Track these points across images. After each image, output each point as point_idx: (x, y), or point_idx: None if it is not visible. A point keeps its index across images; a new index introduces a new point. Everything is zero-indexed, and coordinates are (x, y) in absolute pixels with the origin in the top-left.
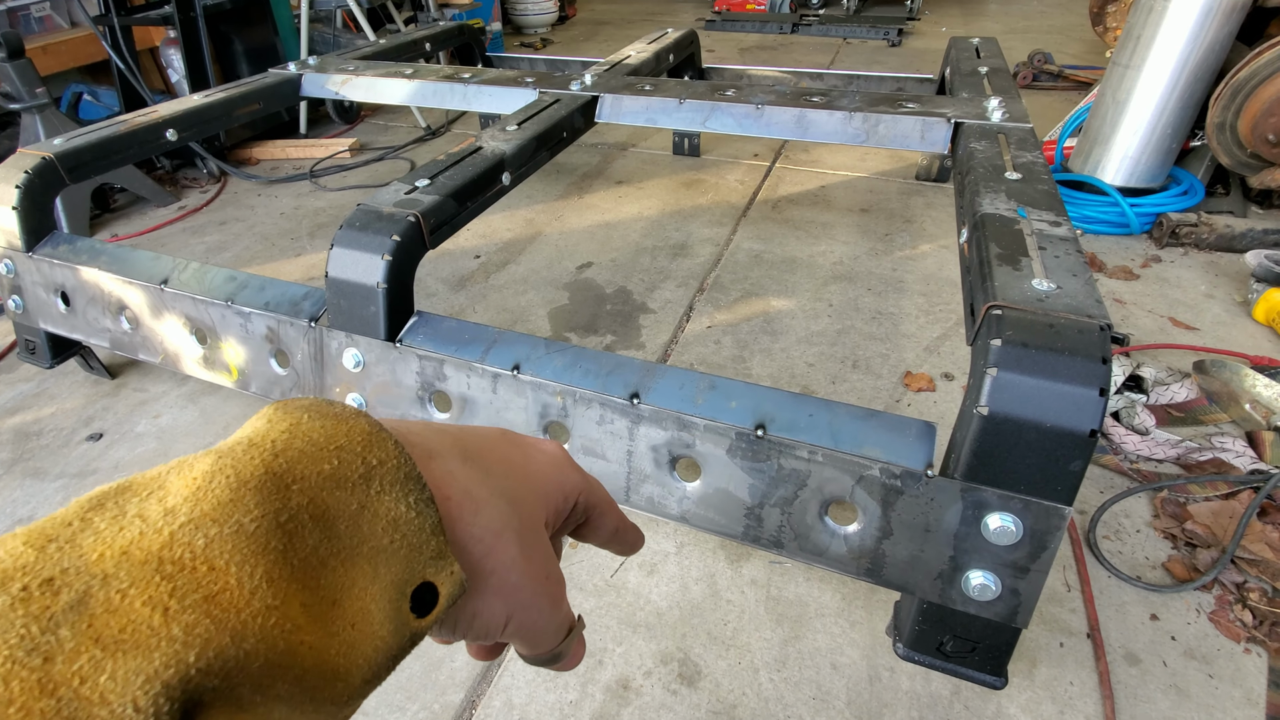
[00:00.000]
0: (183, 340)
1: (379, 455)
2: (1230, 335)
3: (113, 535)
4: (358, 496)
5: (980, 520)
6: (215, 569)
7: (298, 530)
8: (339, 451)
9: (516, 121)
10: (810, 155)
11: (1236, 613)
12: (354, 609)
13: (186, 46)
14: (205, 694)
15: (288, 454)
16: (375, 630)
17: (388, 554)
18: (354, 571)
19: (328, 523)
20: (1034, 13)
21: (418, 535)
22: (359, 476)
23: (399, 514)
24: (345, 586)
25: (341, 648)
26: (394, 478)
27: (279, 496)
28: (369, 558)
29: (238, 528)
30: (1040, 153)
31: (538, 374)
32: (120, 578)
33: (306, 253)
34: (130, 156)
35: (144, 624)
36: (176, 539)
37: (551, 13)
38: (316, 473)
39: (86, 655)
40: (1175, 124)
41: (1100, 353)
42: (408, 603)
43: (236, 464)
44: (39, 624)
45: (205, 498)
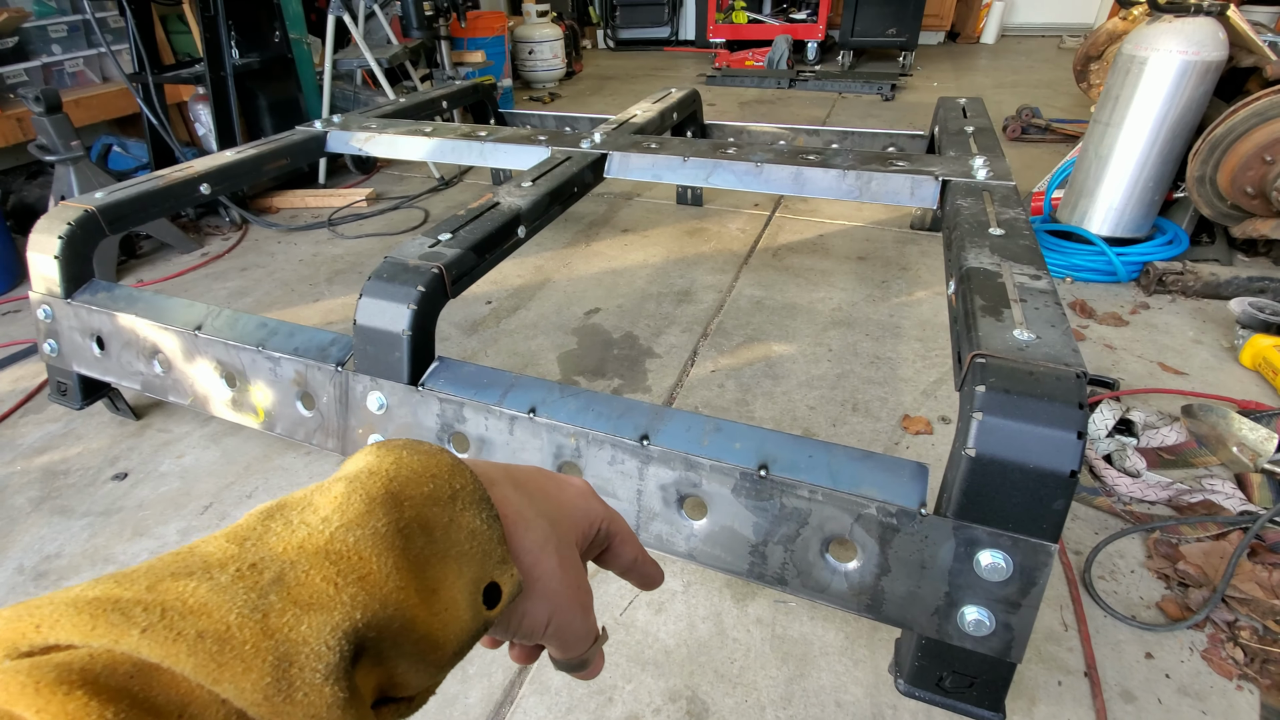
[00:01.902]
0: (213, 383)
1: (461, 481)
2: (1218, 380)
3: (289, 534)
4: (448, 512)
5: (972, 557)
6: (363, 558)
7: (411, 535)
8: (434, 478)
9: (531, 178)
10: (809, 205)
11: (1229, 650)
12: (447, 597)
13: (216, 103)
14: (364, 641)
15: (399, 479)
16: (461, 615)
17: (468, 557)
18: (446, 569)
19: (429, 530)
20: (1022, 68)
21: (488, 543)
22: (448, 496)
23: (476, 526)
24: (441, 579)
25: (441, 625)
26: (472, 498)
27: (397, 509)
28: (456, 559)
29: (374, 530)
30: (1021, 209)
31: (552, 416)
32: (302, 563)
33: (325, 298)
34: (167, 209)
35: (324, 593)
36: (335, 537)
37: (559, 69)
38: (420, 493)
39: (290, 612)
40: (1156, 177)
41: (1077, 398)
42: (481, 597)
43: (365, 486)
44: (255, 592)
45: (348, 509)
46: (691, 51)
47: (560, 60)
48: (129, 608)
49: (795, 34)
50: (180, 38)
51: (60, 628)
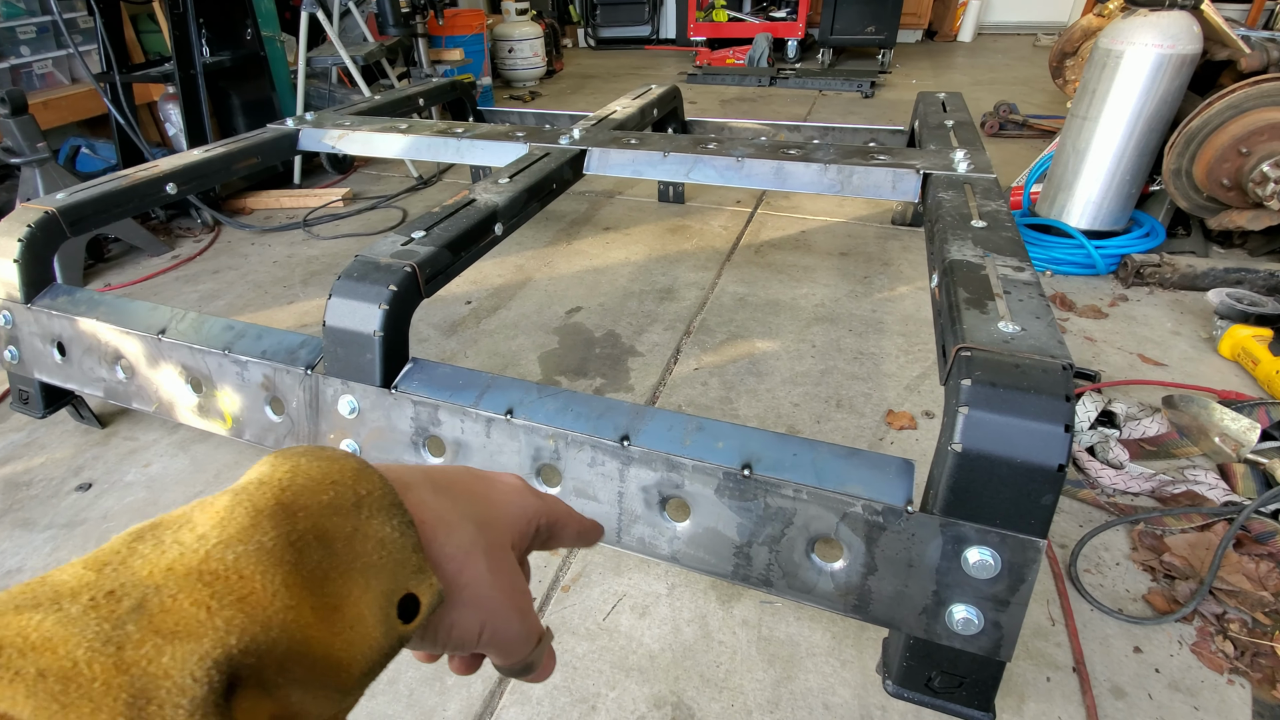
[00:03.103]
0: (178, 389)
1: (367, 486)
2: (1198, 370)
3: (157, 556)
4: (352, 521)
5: (960, 554)
6: (244, 577)
7: (305, 548)
8: (334, 485)
9: (508, 174)
10: (791, 201)
11: (1218, 644)
12: (352, 613)
13: (185, 102)
14: (242, 670)
15: (293, 489)
16: (370, 631)
17: (377, 568)
18: (351, 582)
19: (328, 542)
20: (999, 65)
21: (401, 552)
22: (351, 504)
23: (385, 535)
24: (344, 594)
25: (344, 645)
26: (380, 505)
27: (288, 521)
28: (362, 571)
29: (259, 545)
30: (1003, 201)
31: (530, 418)
32: (169, 586)
33: (299, 300)
34: (131, 210)
35: (193, 618)
36: (211, 555)
37: (539, 67)
38: (317, 502)
39: (150, 643)
40: (1133, 171)
41: (1064, 391)
42: (395, 610)
43: (251, 498)
44: (109, 623)
45: (230, 524)
46: (673, 50)
47: (540, 59)
48: None
49: (775, 32)
50: (151, 37)
51: None
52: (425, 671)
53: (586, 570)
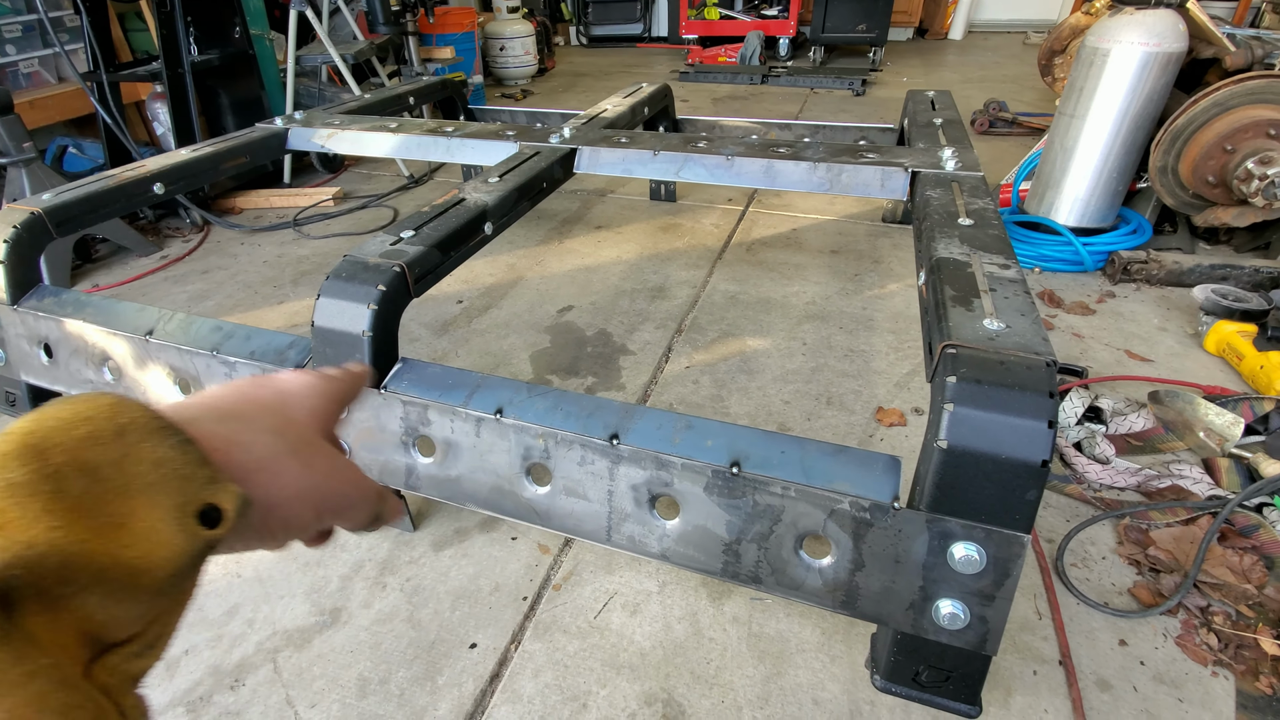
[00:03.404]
0: (166, 390)
1: (128, 416)
2: (1183, 366)
3: None
4: (117, 448)
5: (946, 550)
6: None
7: (64, 479)
8: (89, 420)
9: (498, 173)
10: (782, 200)
11: (1202, 636)
12: (142, 527)
13: (173, 101)
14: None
15: (38, 432)
16: (168, 540)
17: (160, 485)
18: (133, 502)
19: (92, 470)
20: (990, 63)
21: (185, 467)
22: (113, 434)
23: (161, 455)
24: (127, 513)
25: (139, 554)
26: (148, 430)
27: (39, 459)
28: (143, 491)
29: (7, 483)
30: (990, 199)
31: (520, 417)
32: None
33: (290, 300)
34: (118, 210)
35: None
36: None
37: (531, 65)
38: (71, 438)
39: None
40: (1120, 168)
41: (1047, 387)
42: (194, 520)
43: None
44: None
45: None
46: (664, 48)
47: (532, 57)
48: None
49: (767, 30)
50: (139, 35)
51: None
52: (416, 671)
53: (578, 569)
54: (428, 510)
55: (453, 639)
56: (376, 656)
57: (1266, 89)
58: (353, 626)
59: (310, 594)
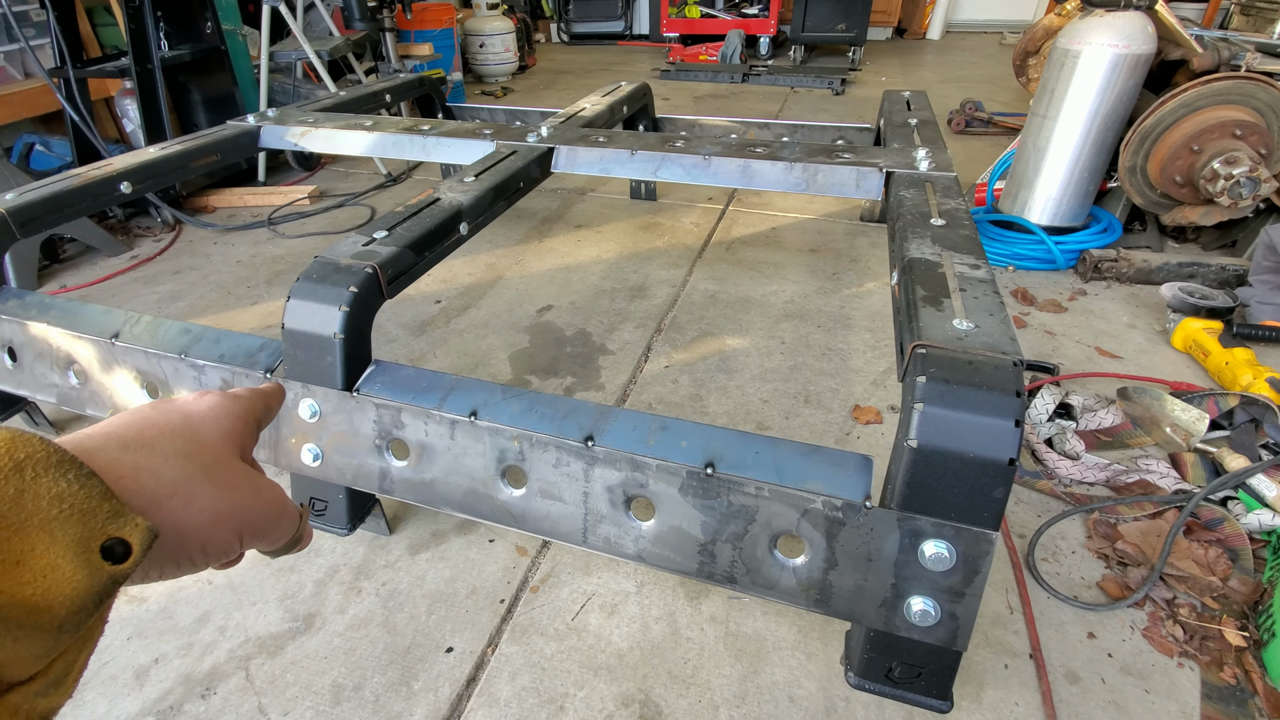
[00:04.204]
0: (133, 394)
1: (26, 450)
2: (1151, 362)
3: None
4: (14, 484)
5: (917, 548)
6: None
7: None
8: None
9: (474, 173)
10: (762, 199)
11: (1168, 628)
12: (41, 564)
13: (143, 98)
14: None
15: None
16: (69, 577)
17: (60, 521)
18: (30, 539)
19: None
20: (966, 63)
21: (86, 502)
22: (10, 469)
23: (60, 490)
24: (25, 550)
25: (37, 592)
26: (46, 464)
27: None
28: (42, 526)
29: None
30: (962, 200)
31: (494, 419)
32: None
33: (264, 300)
34: (84, 210)
35: None
36: None
37: (511, 63)
38: None
39: None
40: (1091, 168)
41: (1014, 386)
42: (97, 555)
43: None
44: None
45: None
46: (646, 46)
47: (512, 54)
48: None
49: (748, 29)
50: (108, 30)
51: None
52: (391, 677)
53: (556, 570)
54: (404, 514)
55: (429, 643)
56: (351, 662)
57: (1232, 90)
58: (327, 632)
59: (283, 600)
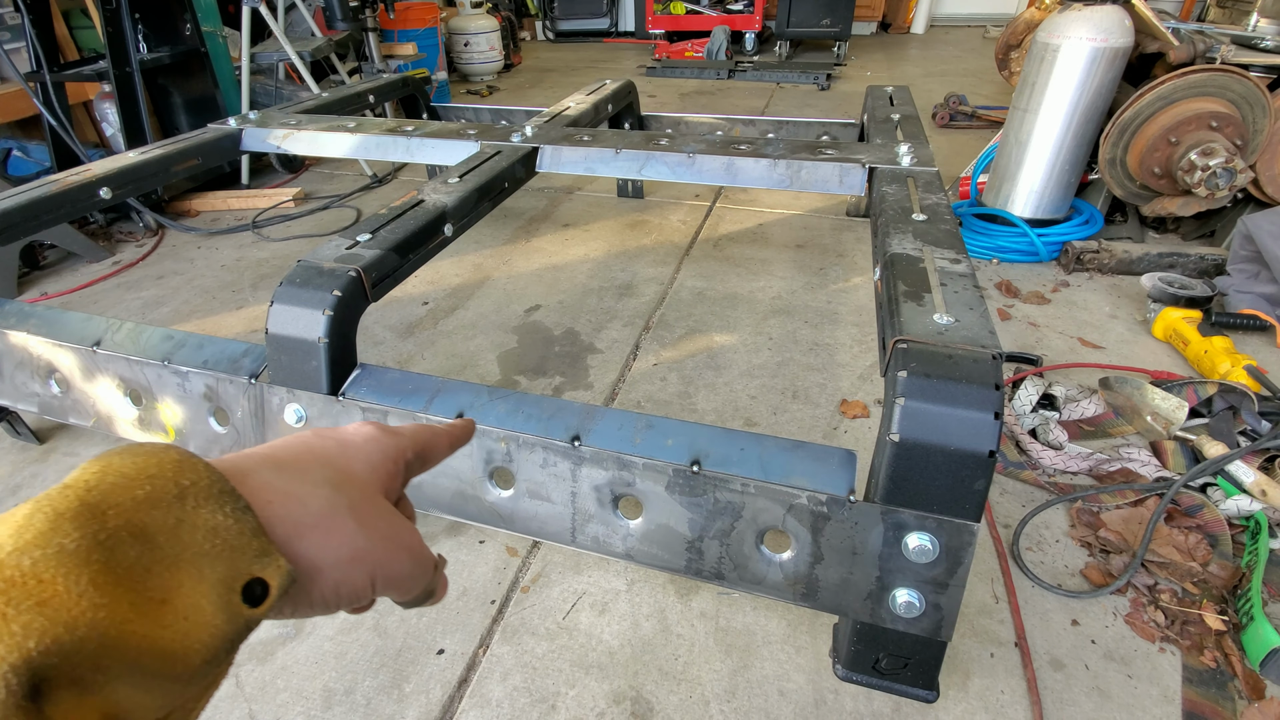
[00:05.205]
0: (116, 402)
1: (190, 477)
2: (1133, 352)
3: None
4: (175, 513)
5: (901, 541)
6: (43, 581)
7: (117, 545)
8: (151, 480)
9: (458, 174)
10: (749, 195)
11: (1150, 614)
12: (185, 604)
13: (122, 101)
14: (48, 672)
15: (100, 489)
16: (208, 620)
17: (211, 557)
18: (180, 574)
19: (147, 537)
20: (950, 57)
21: (237, 538)
22: (173, 497)
23: (217, 522)
24: (173, 587)
25: (176, 636)
26: (208, 494)
27: (95, 521)
28: (192, 562)
29: (59, 548)
30: (943, 194)
31: (481, 421)
32: None
33: (249, 304)
34: (62, 216)
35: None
36: (5, 564)
37: (497, 61)
38: (130, 499)
39: None
40: (1072, 161)
41: (993, 379)
42: (238, 596)
43: (53, 502)
44: None
45: (27, 531)
46: (632, 43)
47: (498, 52)
48: None
49: (733, 25)
50: (85, 33)
51: None
52: (383, 680)
53: (546, 570)
54: None
55: (420, 645)
56: (342, 666)
57: (1208, 82)
58: (317, 637)
59: None
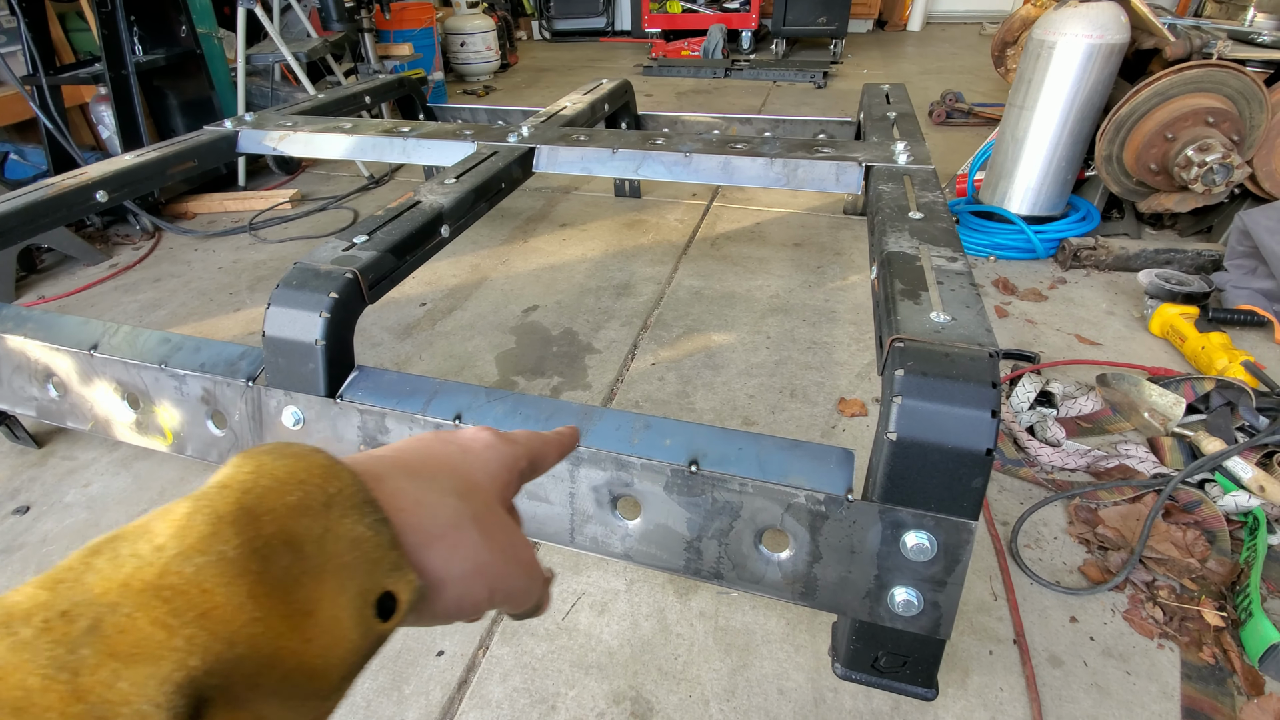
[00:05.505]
0: (114, 406)
1: (337, 485)
2: (1130, 349)
3: (112, 571)
4: (322, 522)
5: (899, 539)
6: (205, 590)
7: (272, 554)
8: (302, 485)
9: (455, 174)
10: (745, 194)
11: (1148, 610)
12: (326, 617)
13: (118, 104)
14: (208, 691)
15: (256, 490)
16: (346, 635)
17: (351, 569)
18: (324, 586)
19: (297, 546)
20: (946, 54)
21: (376, 550)
22: (321, 504)
23: (359, 534)
24: (317, 599)
25: (319, 651)
26: (352, 503)
27: (253, 527)
28: (335, 573)
29: (220, 555)
30: (940, 192)
31: (479, 422)
32: (125, 604)
33: (246, 307)
34: (59, 220)
35: (151, 639)
36: (169, 568)
37: (493, 61)
38: (284, 504)
39: (107, 668)
40: (1069, 158)
41: (990, 377)
42: (372, 610)
43: (212, 503)
44: (63, 647)
45: (189, 533)
46: (628, 42)
47: (494, 52)
48: None
49: (729, 23)
50: (81, 35)
51: None
52: (382, 681)
53: None
54: None
55: (419, 647)
56: None
57: (1205, 78)
58: None
59: None
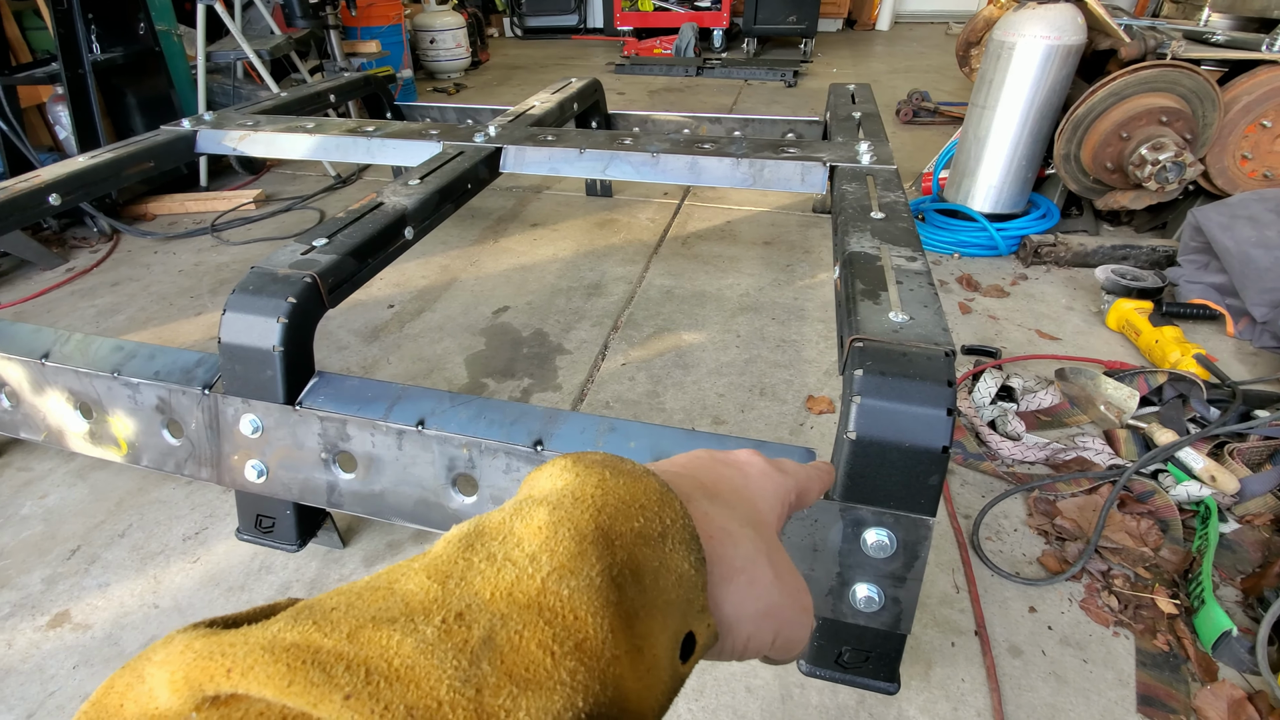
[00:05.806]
0: (67, 416)
1: (670, 515)
2: (1088, 343)
3: (494, 575)
4: (658, 553)
5: (859, 537)
6: (579, 618)
7: (623, 584)
8: (642, 510)
9: (419, 175)
10: (717, 192)
11: (1104, 599)
12: (651, 655)
13: (74, 104)
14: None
15: (607, 510)
16: (662, 675)
17: (674, 606)
18: (653, 622)
19: (639, 576)
20: (914, 54)
21: (692, 590)
22: (658, 534)
23: (684, 571)
24: (646, 635)
25: (644, 691)
26: (682, 537)
27: (609, 552)
28: (662, 609)
29: (589, 581)
30: (901, 193)
31: (443, 428)
32: (514, 618)
33: (208, 311)
34: (11, 225)
35: (540, 665)
36: (547, 587)
37: (464, 58)
38: (630, 529)
39: (506, 691)
40: (1029, 156)
41: (946, 376)
42: (678, 651)
43: (571, 517)
44: (465, 657)
45: (557, 548)
46: (601, 40)
47: (465, 50)
48: (330, 664)
49: (701, 22)
50: (38, 34)
51: (254, 676)
52: None
53: None
54: (358, 526)
55: None
56: None
57: (1159, 78)
58: None
59: None
